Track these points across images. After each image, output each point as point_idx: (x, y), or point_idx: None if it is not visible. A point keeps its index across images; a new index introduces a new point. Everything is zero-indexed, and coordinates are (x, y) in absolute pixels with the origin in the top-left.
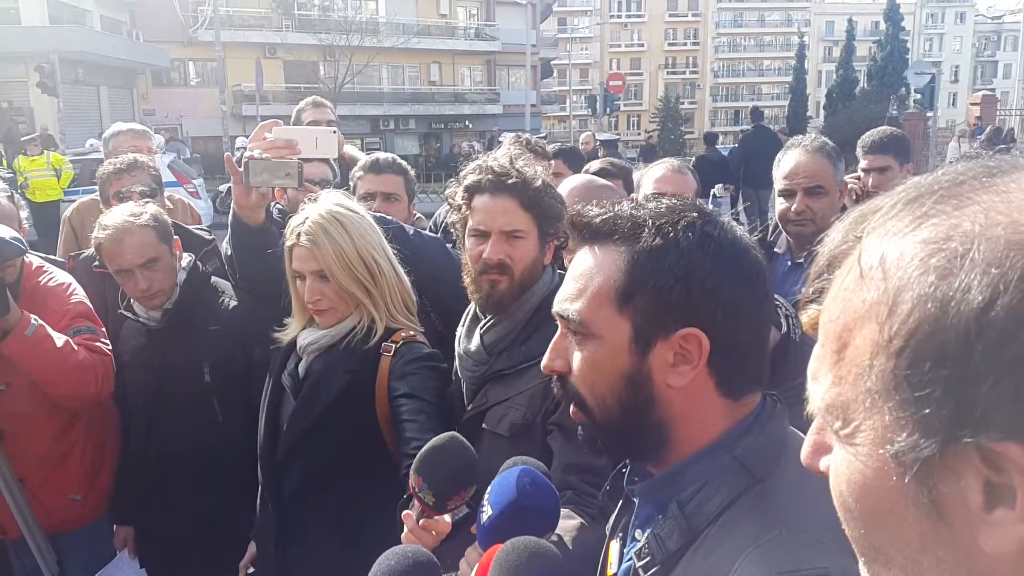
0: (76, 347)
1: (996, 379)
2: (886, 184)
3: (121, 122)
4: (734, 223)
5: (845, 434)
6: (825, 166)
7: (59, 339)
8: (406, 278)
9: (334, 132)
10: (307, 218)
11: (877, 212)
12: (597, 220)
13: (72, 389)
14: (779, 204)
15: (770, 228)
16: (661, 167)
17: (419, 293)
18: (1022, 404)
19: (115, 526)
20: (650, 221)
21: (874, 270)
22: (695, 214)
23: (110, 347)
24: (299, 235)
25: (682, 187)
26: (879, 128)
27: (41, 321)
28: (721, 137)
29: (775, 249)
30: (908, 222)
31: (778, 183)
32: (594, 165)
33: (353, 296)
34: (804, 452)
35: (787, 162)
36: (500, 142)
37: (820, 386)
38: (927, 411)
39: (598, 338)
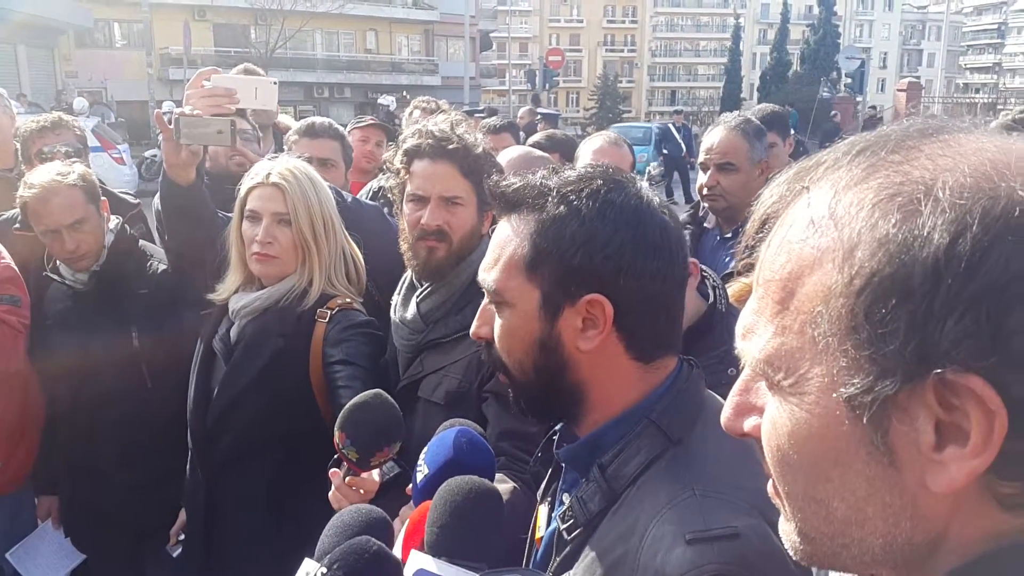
0: None
1: (962, 311)
2: (773, 159)
3: None
4: (645, 189)
5: (789, 384)
6: (739, 143)
7: None
8: (357, 250)
9: (274, 83)
10: (277, 164)
11: (820, 166)
12: (509, 191)
13: None
14: (699, 178)
15: (701, 204)
16: (599, 139)
17: None
18: (985, 335)
19: (37, 497)
20: (555, 190)
21: (825, 218)
22: (600, 181)
23: (27, 321)
24: (268, 175)
25: (618, 160)
26: (759, 106)
27: None
28: (657, 117)
29: (704, 224)
30: (859, 172)
31: (699, 157)
32: (533, 138)
33: (303, 248)
34: (725, 415)
35: (706, 138)
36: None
37: (757, 340)
38: (890, 348)
39: (511, 306)
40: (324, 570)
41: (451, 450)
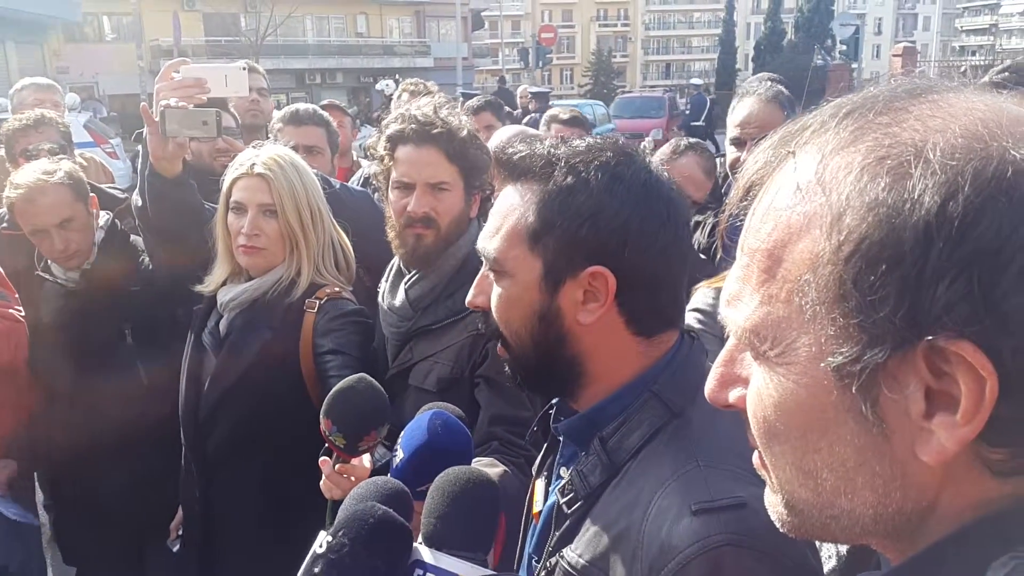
0: None
1: (954, 275)
2: None
3: (28, 78)
4: (654, 163)
5: (775, 354)
6: (777, 115)
7: None
8: (346, 238)
9: (243, 68)
10: (261, 153)
11: (806, 129)
12: (515, 158)
13: None
14: (730, 153)
15: (719, 178)
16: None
17: None
18: (976, 299)
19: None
20: (563, 160)
21: (812, 183)
22: (610, 153)
23: (23, 314)
24: (252, 165)
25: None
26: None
27: None
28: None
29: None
30: (846, 135)
31: (730, 131)
32: (550, 113)
33: (291, 239)
34: (710, 386)
35: (740, 110)
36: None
37: (743, 309)
38: (880, 315)
39: (511, 276)
40: (330, 538)
41: (425, 434)
